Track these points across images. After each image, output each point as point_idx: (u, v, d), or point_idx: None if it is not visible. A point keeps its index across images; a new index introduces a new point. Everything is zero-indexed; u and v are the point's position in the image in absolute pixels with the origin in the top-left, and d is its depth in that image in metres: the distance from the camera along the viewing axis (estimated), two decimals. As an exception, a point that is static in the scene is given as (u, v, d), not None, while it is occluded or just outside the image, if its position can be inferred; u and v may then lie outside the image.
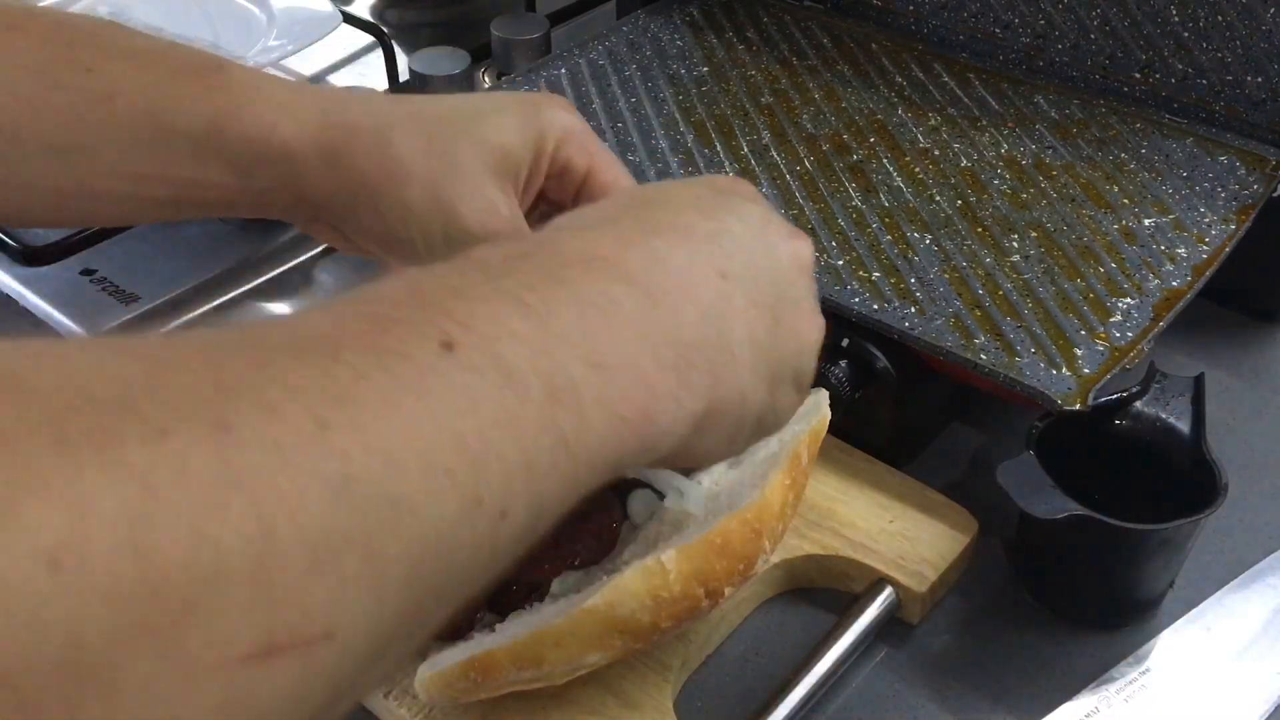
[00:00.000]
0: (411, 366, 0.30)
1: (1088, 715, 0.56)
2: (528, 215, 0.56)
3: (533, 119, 0.55)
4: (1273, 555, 0.64)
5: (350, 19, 1.03)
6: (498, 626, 0.52)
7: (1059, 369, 0.61)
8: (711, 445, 0.41)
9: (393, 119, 0.53)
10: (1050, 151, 0.78)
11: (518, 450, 0.32)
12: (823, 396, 0.62)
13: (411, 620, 0.30)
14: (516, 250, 0.37)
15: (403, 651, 0.31)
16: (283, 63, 1.06)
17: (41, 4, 1.06)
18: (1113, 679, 0.58)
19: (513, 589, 0.53)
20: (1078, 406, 0.59)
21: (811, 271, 0.46)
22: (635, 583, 0.49)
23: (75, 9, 1.06)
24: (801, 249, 0.46)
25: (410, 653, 0.32)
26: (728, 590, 0.52)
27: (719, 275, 0.41)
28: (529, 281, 0.35)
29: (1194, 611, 0.61)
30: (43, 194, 0.54)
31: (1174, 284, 0.67)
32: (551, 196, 0.58)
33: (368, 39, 1.07)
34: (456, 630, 0.53)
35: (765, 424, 0.45)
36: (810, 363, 0.46)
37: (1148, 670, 0.58)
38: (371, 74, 1.05)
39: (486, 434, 0.31)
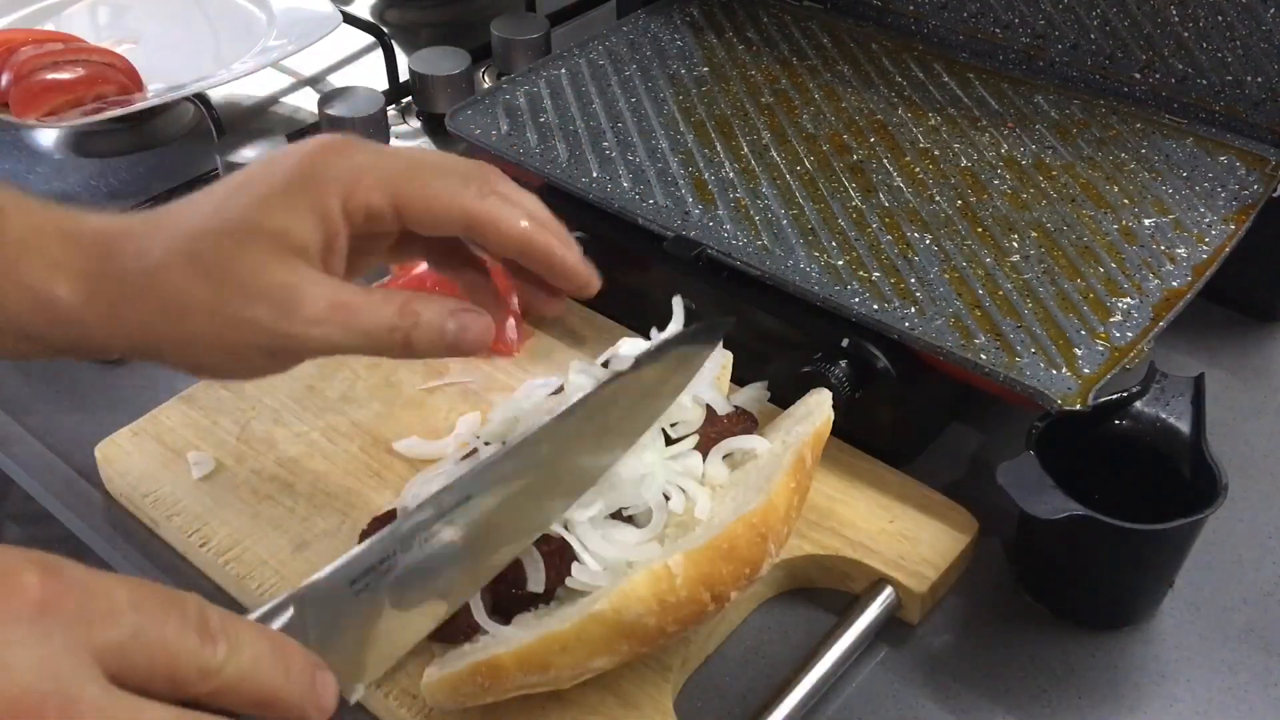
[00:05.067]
0: None
1: None
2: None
3: (308, 191, 0.52)
4: None
5: (350, 19, 1.03)
6: (504, 632, 0.52)
7: (1059, 369, 0.61)
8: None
9: (161, 256, 0.51)
10: (1050, 151, 0.78)
11: None
12: (826, 397, 0.62)
13: None
14: None
15: None
16: (283, 63, 1.06)
17: (38, 7, 1.06)
18: None
19: (515, 593, 0.53)
20: (1078, 406, 0.59)
21: None
22: (642, 587, 0.49)
23: (74, 9, 1.06)
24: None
25: None
26: (733, 594, 0.52)
27: None
28: None
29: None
30: None
31: (1174, 284, 0.67)
32: (405, 243, 0.57)
33: (368, 39, 1.07)
34: (463, 634, 0.53)
35: None
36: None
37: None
38: (371, 74, 1.05)
39: None
